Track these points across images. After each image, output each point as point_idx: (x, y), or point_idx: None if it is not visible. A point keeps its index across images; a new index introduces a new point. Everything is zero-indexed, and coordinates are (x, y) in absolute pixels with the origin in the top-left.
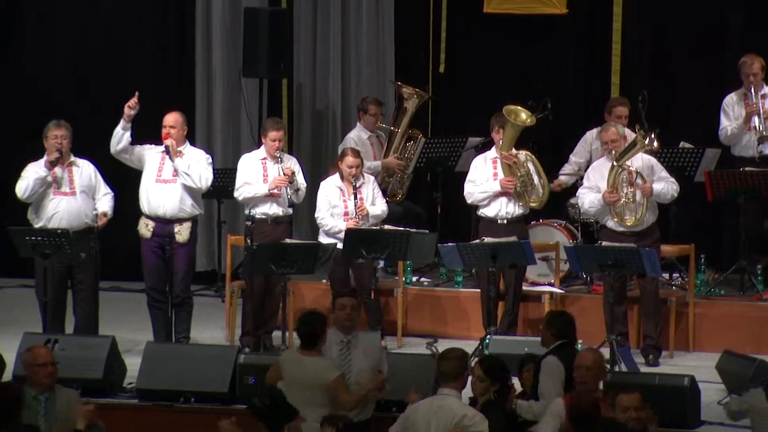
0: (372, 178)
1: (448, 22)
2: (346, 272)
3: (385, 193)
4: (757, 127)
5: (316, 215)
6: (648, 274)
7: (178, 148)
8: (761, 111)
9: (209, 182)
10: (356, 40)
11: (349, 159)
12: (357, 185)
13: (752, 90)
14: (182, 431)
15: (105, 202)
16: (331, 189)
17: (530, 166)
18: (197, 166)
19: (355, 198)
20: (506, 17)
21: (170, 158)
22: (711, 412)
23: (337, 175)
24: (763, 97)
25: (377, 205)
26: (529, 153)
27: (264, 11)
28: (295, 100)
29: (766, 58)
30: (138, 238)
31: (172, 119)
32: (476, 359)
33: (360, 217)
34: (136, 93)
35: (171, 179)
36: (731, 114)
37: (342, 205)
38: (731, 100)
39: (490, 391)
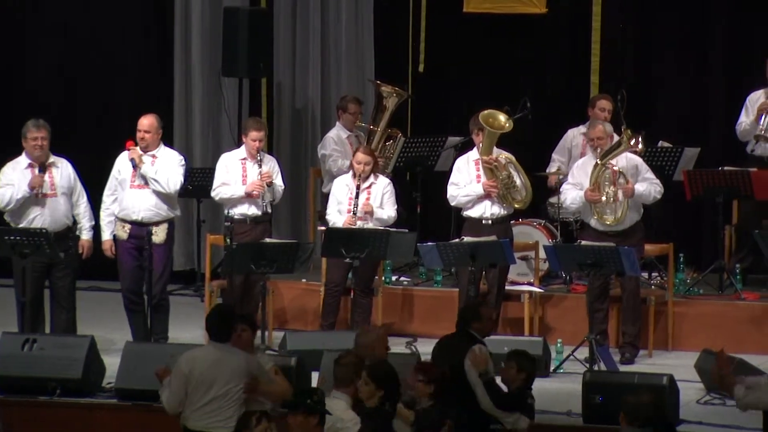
0: (387, 180)
1: (427, 22)
2: (345, 269)
3: None
4: (761, 125)
5: (326, 213)
6: (627, 273)
7: (152, 152)
8: None
9: (177, 185)
10: (336, 40)
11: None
12: (366, 185)
13: None
14: (161, 431)
15: (85, 221)
16: (340, 186)
17: (511, 168)
18: (165, 170)
19: (358, 195)
20: (486, 16)
21: (134, 168)
22: (690, 411)
23: (350, 173)
24: None
25: (385, 209)
26: (509, 155)
27: (243, 10)
28: (274, 100)
29: (763, 59)
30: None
31: (147, 123)
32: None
33: (362, 214)
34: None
35: (144, 185)
36: (750, 110)
37: (347, 202)
38: (755, 97)
39: (375, 396)
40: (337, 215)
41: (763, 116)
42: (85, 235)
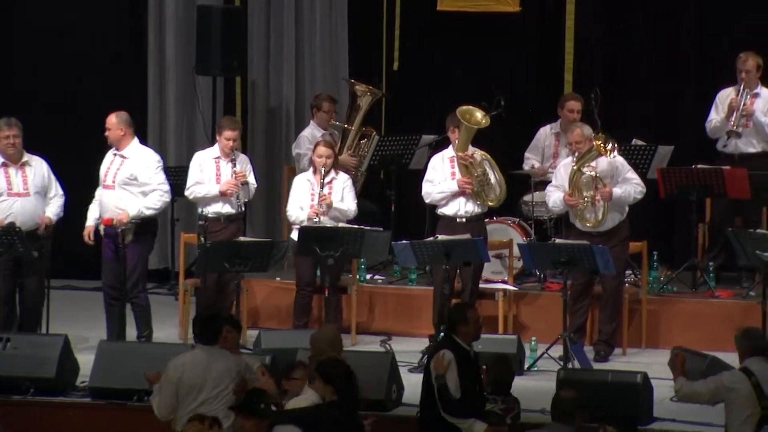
0: (346, 176)
1: (401, 20)
2: (313, 267)
3: None
4: (731, 123)
5: (287, 209)
6: (600, 271)
7: (121, 152)
8: (740, 107)
9: (166, 195)
10: (310, 38)
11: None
12: (327, 179)
13: (742, 86)
14: (136, 430)
15: (52, 206)
16: (301, 182)
17: (486, 165)
18: (150, 197)
19: (322, 188)
20: (459, 15)
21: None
22: (663, 409)
23: (311, 170)
24: (755, 96)
25: (345, 203)
26: (484, 153)
27: (217, 8)
28: (248, 98)
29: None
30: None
31: (108, 121)
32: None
33: (323, 206)
34: None
35: (111, 185)
36: (720, 107)
37: (308, 198)
38: (724, 94)
39: (327, 391)
40: (299, 211)
41: (734, 112)
42: (49, 213)
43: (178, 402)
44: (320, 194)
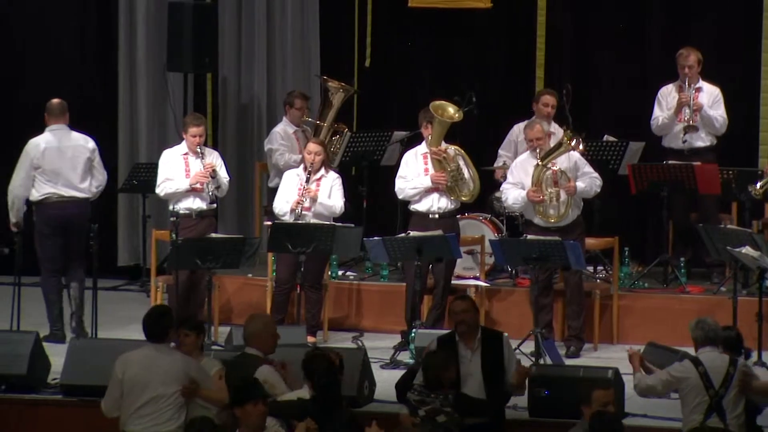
0: (336, 175)
1: (373, 17)
2: (292, 266)
3: None
4: (685, 118)
5: (274, 203)
6: (572, 267)
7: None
8: (691, 102)
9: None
10: (282, 35)
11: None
12: (317, 177)
13: (686, 82)
14: (107, 427)
15: None
16: (291, 177)
17: (460, 160)
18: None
19: (307, 182)
20: (431, 11)
21: None
22: (635, 404)
23: (301, 166)
24: (698, 90)
25: (332, 199)
26: (458, 148)
27: (188, 5)
28: (220, 95)
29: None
30: None
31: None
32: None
33: (306, 199)
34: None
35: None
36: (664, 104)
37: (296, 193)
38: (666, 91)
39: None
40: (285, 205)
41: (684, 108)
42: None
43: (121, 398)
44: (305, 188)
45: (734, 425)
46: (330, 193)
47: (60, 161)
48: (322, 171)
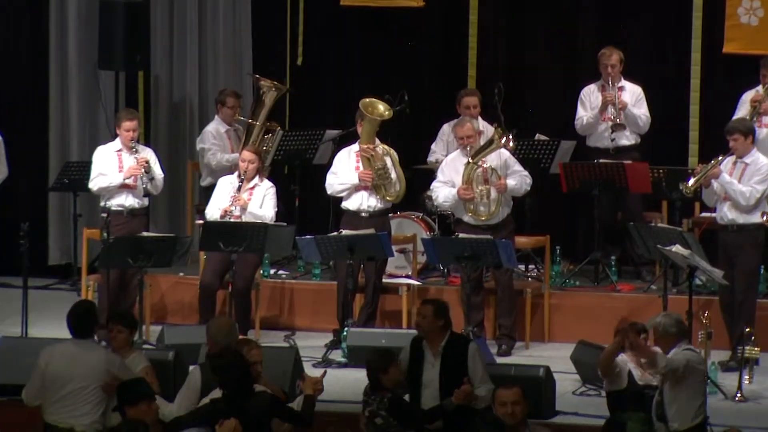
0: (270, 184)
1: (305, 15)
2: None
3: None
4: (611, 117)
5: (206, 209)
6: (504, 266)
7: None
8: (616, 101)
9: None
10: (213, 33)
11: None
12: (250, 185)
13: (609, 81)
14: (38, 427)
15: None
16: (224, 185)
17: (388, 160)
18: None
19: (239, 191)
20: (363, 10)
21: None
22: (566, 402)
23: (236, 173)
24: (620, 89)
25: (263, 208)
26: (387, 147)
27: (120, 3)
28: (151, 93)
29: (622, 52)
30: None
31: None
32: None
33: (235, 207)
34: None
35: None
36: (588, 104)
37: (228, 200)
38: (588, 91)
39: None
40: (216, 211)
41: (609, 107)
42: None
43: (43, 388)
44: (236, 197)
45: None
46: (262, 202)
47: None
48: (256, 179)
